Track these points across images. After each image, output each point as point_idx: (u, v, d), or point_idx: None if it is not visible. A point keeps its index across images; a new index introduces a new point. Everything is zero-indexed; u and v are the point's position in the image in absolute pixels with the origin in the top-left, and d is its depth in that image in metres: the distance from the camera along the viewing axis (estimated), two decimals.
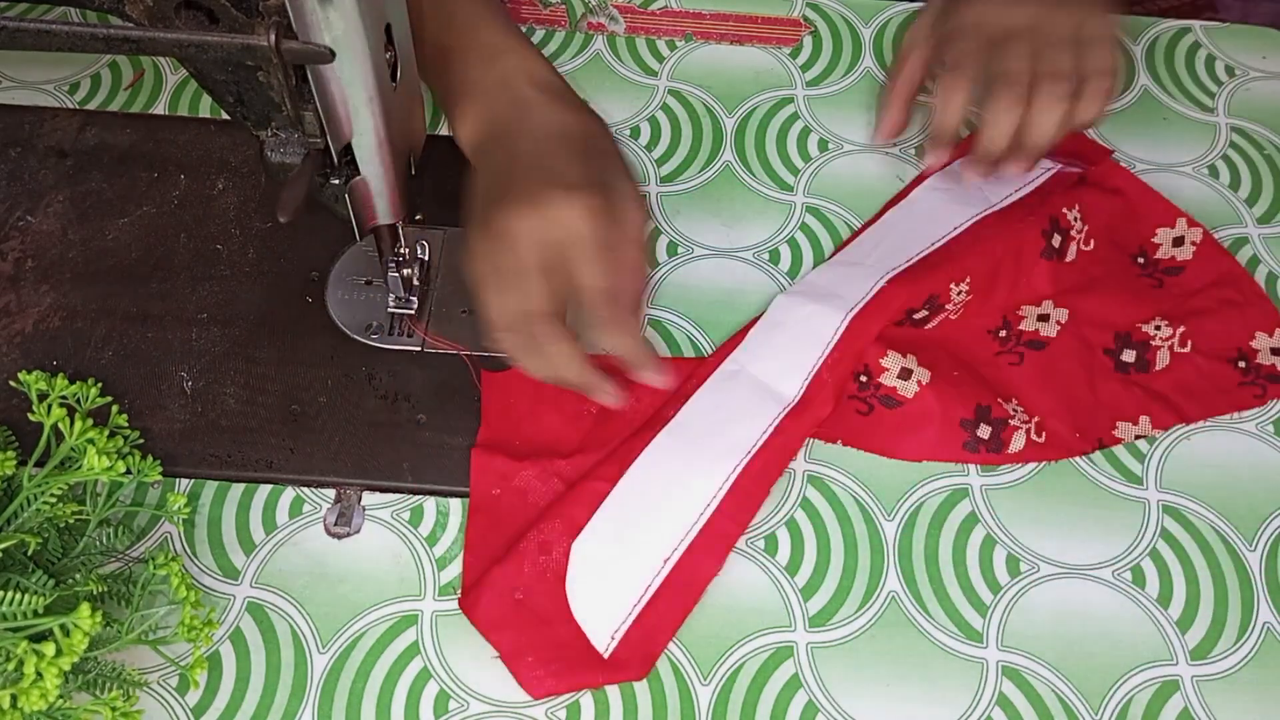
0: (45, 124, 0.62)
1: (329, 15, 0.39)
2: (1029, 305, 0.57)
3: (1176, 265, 0.58)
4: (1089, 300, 0.57)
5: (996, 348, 0.56)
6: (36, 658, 0.38)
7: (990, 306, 0.57)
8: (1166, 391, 0.55)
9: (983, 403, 0.54)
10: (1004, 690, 0.48)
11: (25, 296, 0.56)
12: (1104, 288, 0.58)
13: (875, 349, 0.54)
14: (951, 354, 0.56)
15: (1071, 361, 0.56)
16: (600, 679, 0.47)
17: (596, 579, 0.49)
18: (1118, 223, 0.59)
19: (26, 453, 0.47)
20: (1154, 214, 0.60)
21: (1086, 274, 0.58)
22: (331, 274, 0.58)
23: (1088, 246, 0.58)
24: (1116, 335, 0.56)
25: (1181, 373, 0.55)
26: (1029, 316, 0.57)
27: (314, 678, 0.48)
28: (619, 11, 0.69)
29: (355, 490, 0.52)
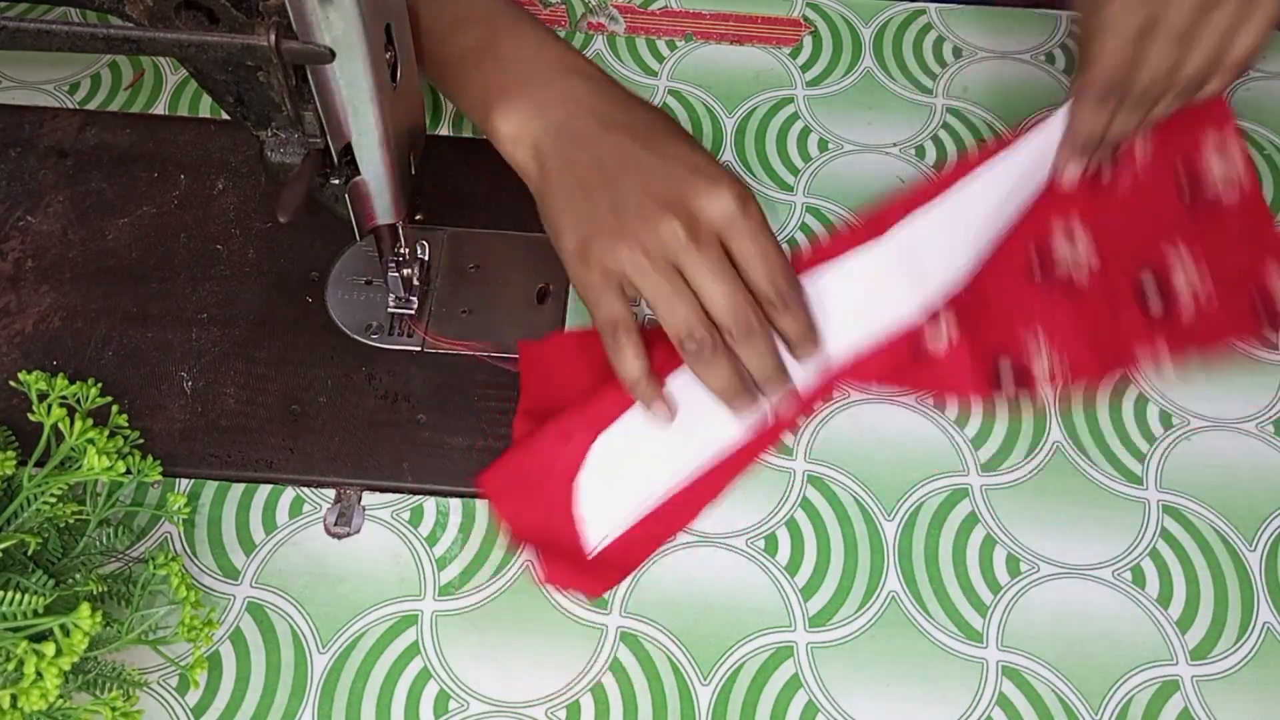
0: (45, 124, 0.62)
1: (329, 15, 0.39)
2: (1058, 223, 0.56)
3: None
4: (1120, 223, 0.56)
5: (1023, 281, 0.56)
6: (36, 658, 0.38)
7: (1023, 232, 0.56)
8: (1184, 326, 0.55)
9: (1008, 338, 0.54)
10: (1004, 690, 0.48)
11: (25, 297, 0.56)
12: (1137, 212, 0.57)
13: None
14: (976, 290, 0.56)
15: (1098, 292, 0.55)
16: (566, 580, 0.48)
17: (610, 479, 0.49)
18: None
19: (26, 453, 0.47)
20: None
21: (1122, 198, 0.57)
22: (331, 274, 0.58)
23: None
24: (1142, 268, 0.56)
25: (1200, 309, 0.55)
26: (1059, 245, 0.56)
27: (314, 678, 0.48)
28: (619, 11, 0.69)
29: (355, 490, 0.52)
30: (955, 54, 0.68)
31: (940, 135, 0.65)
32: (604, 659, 0.48)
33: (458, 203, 0.60)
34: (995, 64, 0.68)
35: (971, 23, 0.69)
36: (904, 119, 0.65)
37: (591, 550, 0.49)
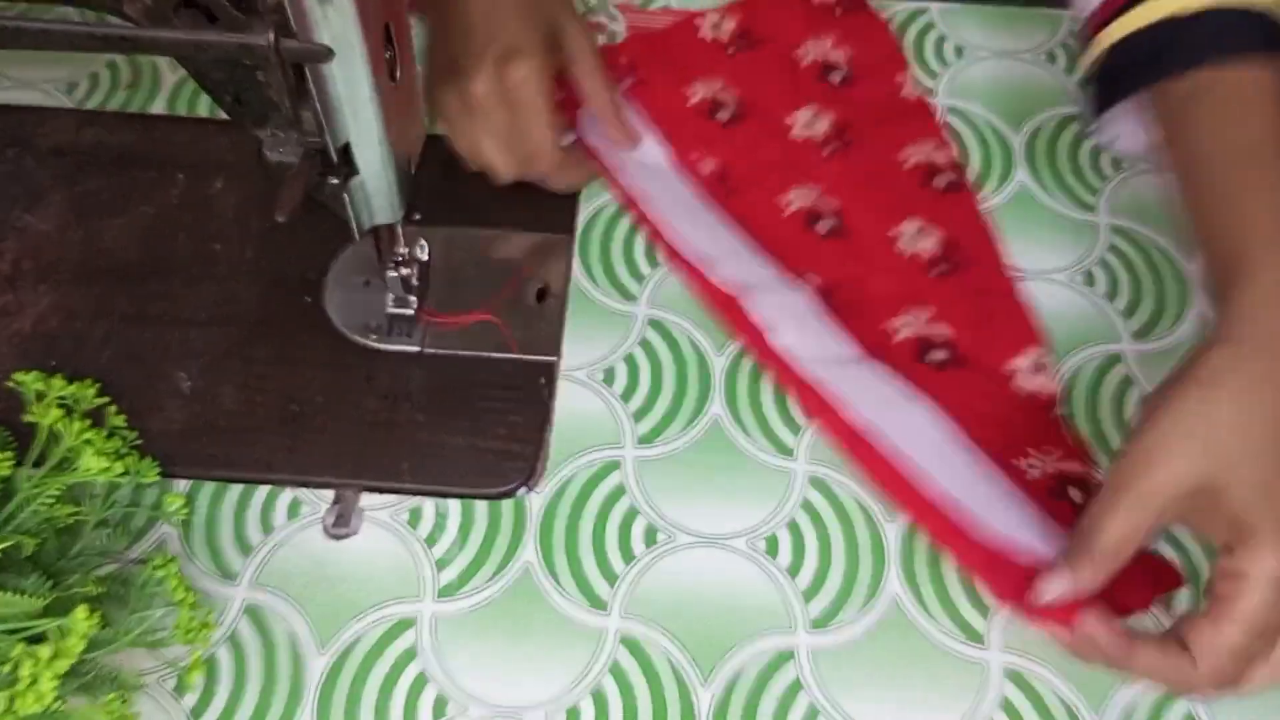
0: (44, 124, 0.62)
1: (328, 14, 0.39)
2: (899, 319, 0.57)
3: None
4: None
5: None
6: (33, 660, 0.38)
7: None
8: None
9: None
10: (1006, 693, 0.48)
11: (23, 296, 0.56)
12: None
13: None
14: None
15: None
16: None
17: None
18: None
19: (24, 453, 0.46)
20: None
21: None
22: (330, 274, 0.57)
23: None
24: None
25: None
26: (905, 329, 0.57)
27: (312, 680, 0.47)
28: (619, 11, 0.69)
29: (354, 491, 0.52)
30: (956, 53, 0.68)
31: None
32: (603, 662, 0.48)
33: (457, 203, 0.60)
34: (996, 63, 0.67)
35: (972, 22, 0.69)
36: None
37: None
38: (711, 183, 0.61)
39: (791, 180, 0.61)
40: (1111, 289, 0.59)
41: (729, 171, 0.61)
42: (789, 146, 0.62)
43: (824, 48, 0.66)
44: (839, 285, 0.57)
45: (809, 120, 0.63)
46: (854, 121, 0.63)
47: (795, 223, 0.59)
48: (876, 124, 0.63)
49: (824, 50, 0.65)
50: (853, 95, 0.65)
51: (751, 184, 0.61)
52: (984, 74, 0.67)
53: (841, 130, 0.63)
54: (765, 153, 0.62)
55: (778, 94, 0.64)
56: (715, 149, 0.62)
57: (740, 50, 0.66)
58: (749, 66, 0.65)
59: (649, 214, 0.59)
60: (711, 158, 0.62)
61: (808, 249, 0.59)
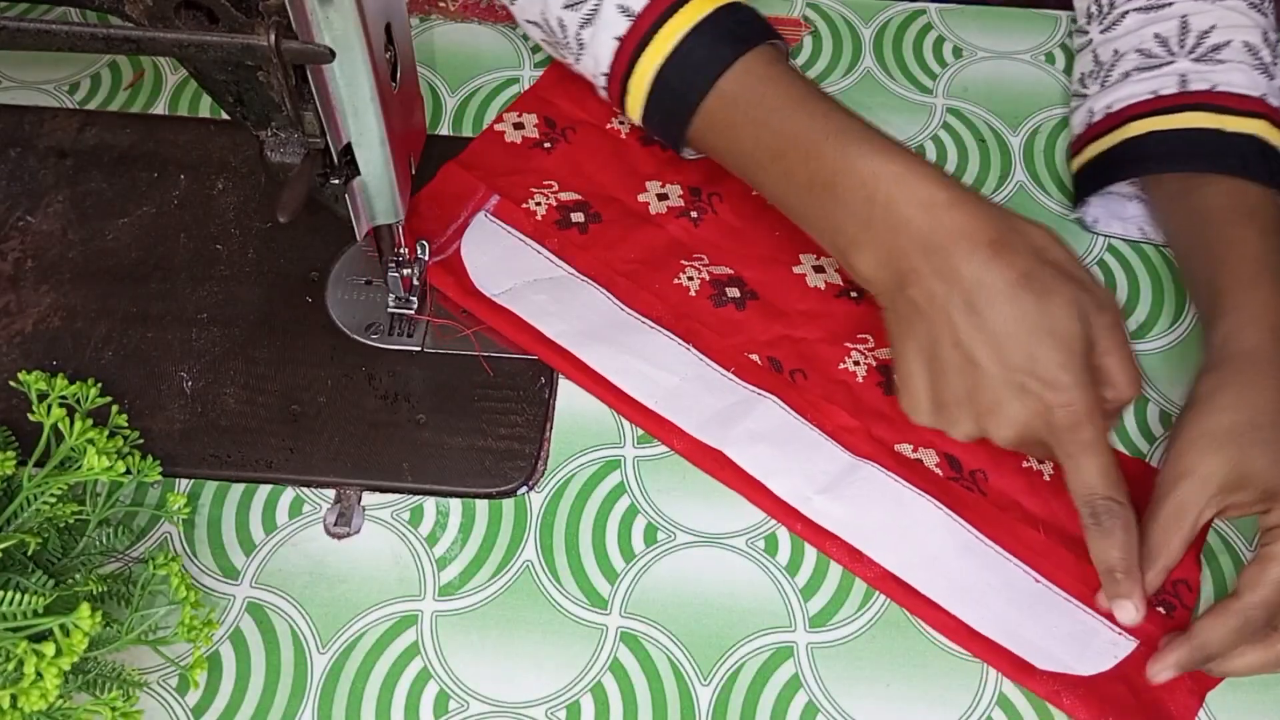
0: (45, 124, 0.62)
1: (329, 15, 0.39)
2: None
3: None
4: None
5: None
6: (36, 658, 0.38)
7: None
8: None
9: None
10: (1004, 691, 0.48)
11: (25, 297, 0.56)
12: None
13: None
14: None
15: None
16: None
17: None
18: None
19: (26, 453, 0.47)
20: None
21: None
22: (331, 274, 0.58)
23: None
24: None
25: None
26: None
27: (314, 678, 0.48)
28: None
29: (355, 490, 0.52)
30: (955, 54, 0.68)
31: (940, 135, 0.65)
32: (604, 659, 0.48)
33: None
34: (995, 64, 0.68)
35: (971, 23, 0.69)
36: (904, 119, 0.65)
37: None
38: (624, 292, 0.56)
39: (677, 260, 0.58)
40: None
41: (618, 279, 0.57)
42: (656, 228, 0.59)
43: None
44: (787, 368, 0.55)
45: (660, 192, 0.60)
46: (701, 181, 0.60)
47: (705, 302, 0.56)
48: (718, 173, 0.57)
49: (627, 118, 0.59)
50: (700, 169, 0.61)
51: (646, 281, 0.57)
52: (983, 75, 0.67)
53: (696, 192, 0.60)
54: (639, 245, 0.58)
55: (615, 177, 0.60)
56: (590, 260, 0.57)
57: (555, 143, 0.61)
58: (572, 158, 0.61)
59: (567, 348, 0.54)
60: (595, 274, 0.57)
61: (733, 326, 0.56)
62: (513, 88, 0.65)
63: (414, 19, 0.68)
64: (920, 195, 0.48)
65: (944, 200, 0.47)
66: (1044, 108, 0.66)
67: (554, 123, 0.62)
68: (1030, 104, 0.66)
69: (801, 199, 0.51)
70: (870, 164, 0.49)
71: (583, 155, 0.61)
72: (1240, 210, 0.53)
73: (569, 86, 0.63)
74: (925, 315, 0.48)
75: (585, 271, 0.57)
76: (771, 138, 0.51)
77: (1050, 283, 0.46)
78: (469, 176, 0.59)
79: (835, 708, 0.48)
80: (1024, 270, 0.46)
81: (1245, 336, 0.50)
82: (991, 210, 0.48)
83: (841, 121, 0.50)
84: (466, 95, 0.65)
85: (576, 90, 0.63)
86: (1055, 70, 0.67)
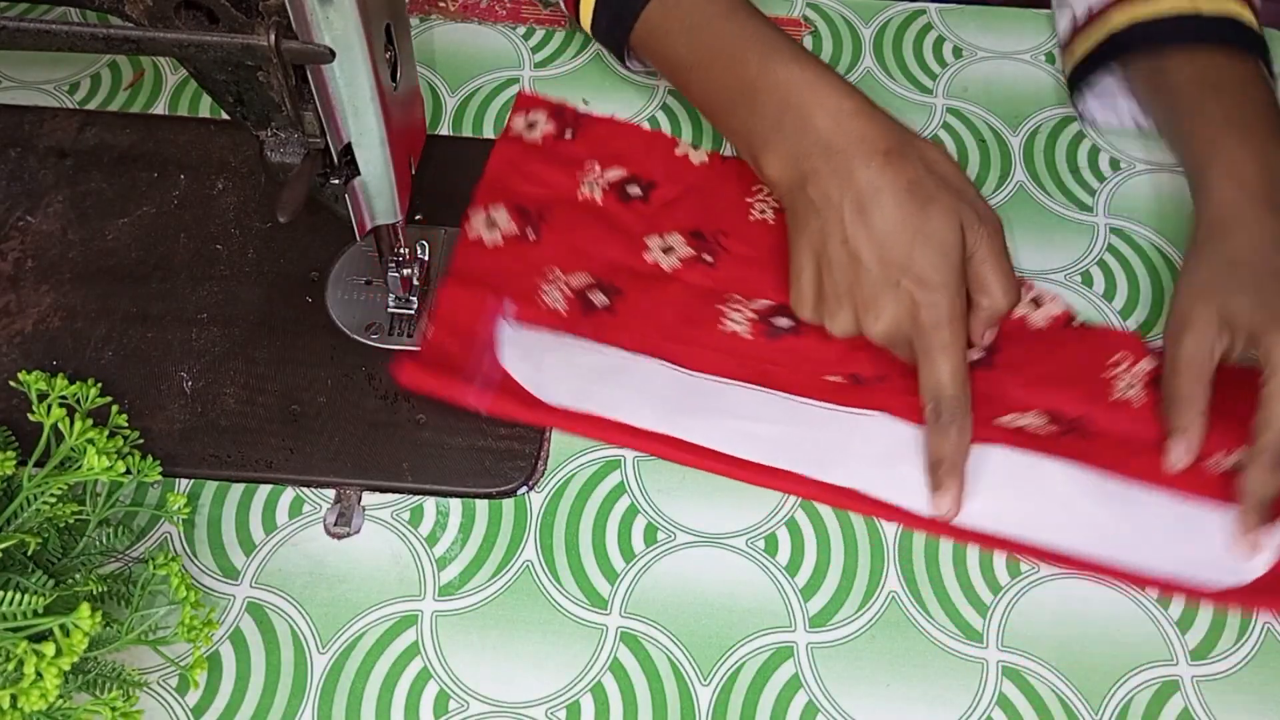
0: (45, 124, 0.62)
1: (329, 15, 0.39)
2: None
3: None
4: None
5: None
6: (36, 658, 0.38)
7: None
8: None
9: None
10: (1004, 690, 0.48)
11: (25, 297, 0.56)
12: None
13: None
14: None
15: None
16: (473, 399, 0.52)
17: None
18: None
19: (26, 453, 0.47)
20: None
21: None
22: (331, 274, 0.58)
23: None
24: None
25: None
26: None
27: (314, 678, 0.48)
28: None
29: (355, 490, 0.52)
30: (955, 54, 0.68)
31: (940, 135, 0.65)
32: (604, 659, 0.48)
33: (458, 203, 0.60)
34: (995, 64, 0.68)
35: (971, 23, 0.69)
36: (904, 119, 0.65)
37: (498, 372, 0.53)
38: (685, 356, 0.55)
39: (713, 308, 0.56)
40: (1109, 289, 0.59)
41: (669, 346, 0.55)
42: (679, 284, 0.57)
43: (594, 176, 0.60)
44: (869, 377, 0.54)
45: (664, 246, 0.58)
46: (695, 222, 0.59)
47: (760, 340, 0.55)
48: (712, 211, 0.59)
49: (596, 179, 0.60)
50: (667, 196, 0.60)
51: (697, 339, 0.55)
52: (982, 75, 0.67)
53: (699, 235, 0.59)
54: (672, 305, 0.56)
55: (613, 246, 0.58)
56: (634, 336, 0.55)
57: (538, 231, 0.58)
58: (562, 240, 0.58)
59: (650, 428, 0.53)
60: (646, 348, 0.55)
61: (799, 355, 0.55)
62: (513, 87, 0.65)
63: (414, 19, 0.68)
64: (829, 102, 0.52)
65: (849, 109, 0.52)
66: (1044, 108, 0.66)
67: (526, 210, 0.59)
68: (1030, 104, 0.66)
69: (725, 105, 0.56)
70: (787, 72, 0.53)
71: (571, 234, 0.58)
72: (1209, 79, 0.56)
73: (521, 166, 0.61)
74: (820, 213, 0.51)
75: (636, 349, 0.55)
76: (703, 46, 0.55)
77: (934, 192, 0.50)
78: (471, 293, 0.55)
79: (835, 708, 0.48)
80: (912, 178, 0.50)
81: (1217, 194, 0.54)
82: (891, 123, 0.52)
83: (764, 33, 0.55)
84: (466, 95, 0.65)
85: (529, 167, 0.61)
86: (1055, 70, 0.67)
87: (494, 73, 0.66)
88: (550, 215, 0.59)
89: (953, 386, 0.50)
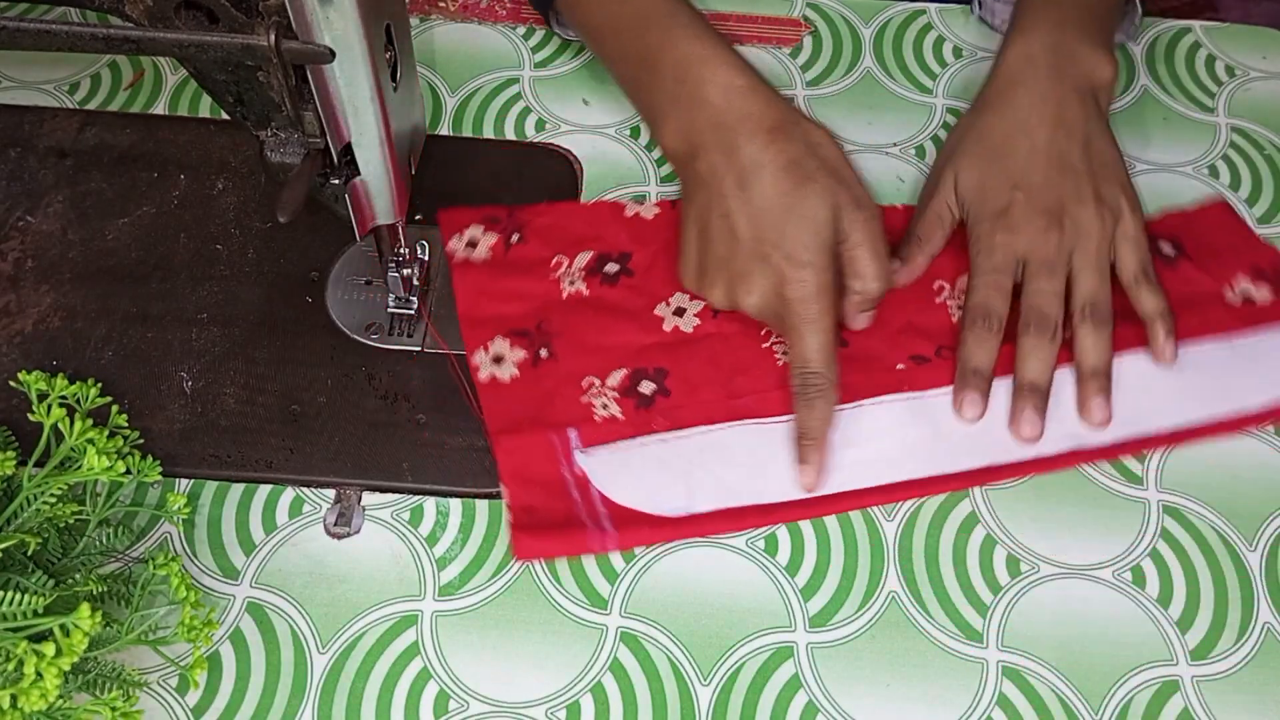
0: (45, 124, 0.62)
1: (329, 15, 0.39)
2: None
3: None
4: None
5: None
6: (36, 658, 0.38)
7: None
8: None
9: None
10: (1004, 690, 0.48)
11: (25, 297, 0.56)
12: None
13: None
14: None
15: None
16: (594, 544, 0.50)
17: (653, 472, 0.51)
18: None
19: (26, 453, 0.47)
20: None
21: None
22: (331, 274, 0.58)
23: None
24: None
25: None
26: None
27: (314, 678, 0.48)
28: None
29: (355, 490, 0.52)
30: (955, 54, 0.68)
31: (940, 135, 0.65)
32: (604, 659, 0.48)
33: (457, 203, 0.60)
34: None
35: (971, 23, 0.69)
36: (904, 119, 0.65)
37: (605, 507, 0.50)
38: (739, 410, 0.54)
39: (757, 347, 0.56)
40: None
41: (739, 403, 0.54)
42: (708, 340, 0.56)
43: (567, 270, 0.57)
44: (930, 352, 0.55)
45: (677, 308, 0.56)
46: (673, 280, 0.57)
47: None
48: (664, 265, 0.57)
49: (571, 272, 0.57)
50: (645, 261, 0.58)
51: (760, 386, 0.54)
52: (982, 75, 0.66)
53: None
54: (719, 364, 0.55)
55: (628, 329, 0.56)
56: (702, 409, 0.54)
57: (549, 348, 0.55)
58: (576, 346, 0.55)
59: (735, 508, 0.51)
60: (720, 416, 0.54)
61: (862, 360, 0.55)
62: (513, 87, 0.65)
63: (414, 19, 0.68)
64: (721, 79, 0.53)
65: (740, 86, 0.53)
66: None
67: (524, 331, 0.55)
68: None
69: (631, 74, 0.58)
70: (687, 47, 0.54)
71: (583, 336, 0.55)
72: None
73: (488, 288, 0.56)
74: (706, 186, 0.53)
75: (709, 420, 0.53)
76: (615, 14, 0.57)
77: (813, 172, 0.51)
78: (526, 438, 0.52)
79: (835, 708, 0.48)
80: (793, 157, 0.51)
81: (1001, 66, 0.59)
82: (780, 103, 0.53)
83: (671, 5, 0.56)
84: (466, 95, 0.65)
85: (497, 286, 0.57)
86: None
87: (494, 73, 0.66)
88: (551, 326, 0.55)
89: (819, 363, 0.51)
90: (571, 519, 0.50)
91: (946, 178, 0.58)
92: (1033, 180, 0.55)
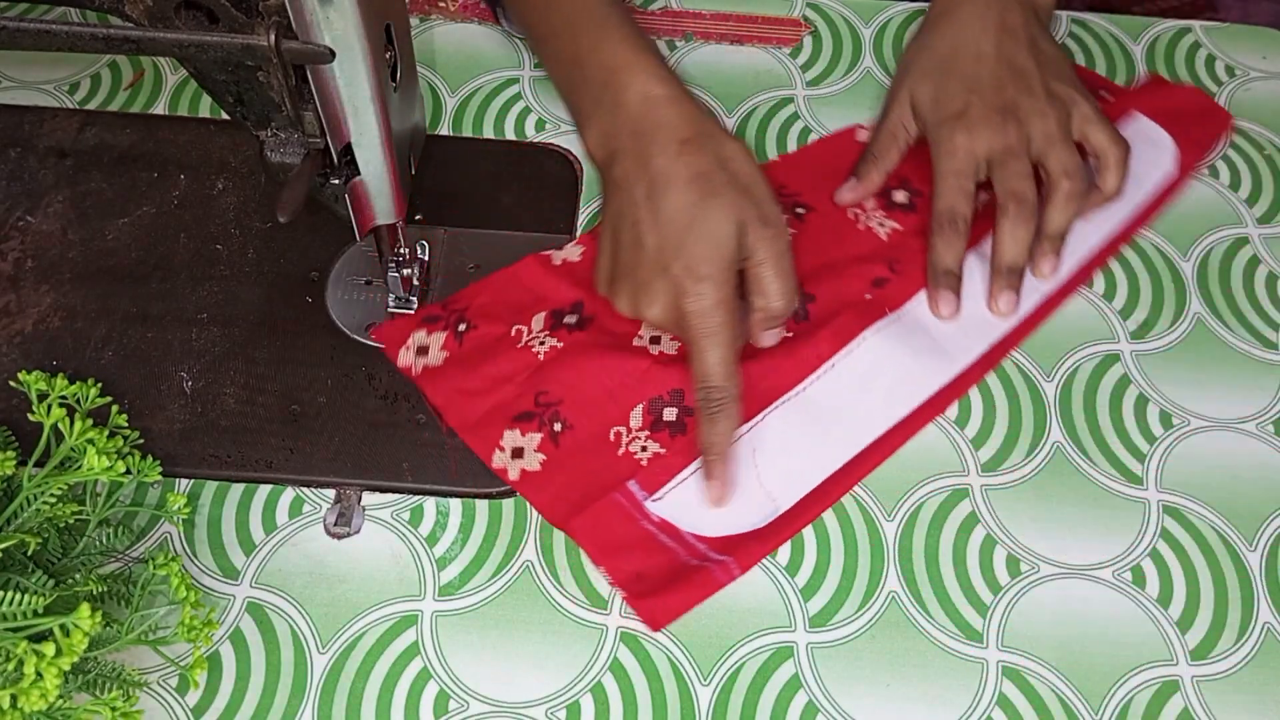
0: (45, 124, 0.62)
1: (329, 15, 0.39)
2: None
3: None
4: None
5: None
6: (36, 658, 0.38)
7: None
8: None
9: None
10: (1004, 690, 0.48)
11: (25, 297, 0.56)
12: None
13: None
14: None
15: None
16: (709, 587, 0.49)
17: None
18: None
19: (26, 453, 0.47)
20: None
21: None
22: (331, 274, 0.58)
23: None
24: None
25: None
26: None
27: (314, 678, 0.48)
28: None
29: (355, 490, 0.52)
30: None
31: None
32: (604, 659, 0.48)
33: (458, 203, 0.60)
34: None
35: None
36: None
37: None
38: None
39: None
40: (1109, 290, 0.59)
41: (753, 392, 0.54)
42: (682, 357, 0.54)
43: (530, 336, 0.55)
44: (887, 275, 0.58)
45: (651, 338, 0.55)
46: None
47: (789, 321, 0.56)
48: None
49: (535, 336, 0.55)
50: (596, 306, 0.56)
51: (771, 365, 0.55)
52: None
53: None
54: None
55: (620, 369, 0.54)
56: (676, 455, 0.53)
57: (558, 416, 0.53)
58: (581, 409, 0.53)
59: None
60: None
61: (835, 302, 0.57)
62: (513, 87, 0.65)
63: (414, 19, 0.68)
64: (641, 87, 0.53)
65: (659, 95, 0.53)
66: None
67: (529, 414, 0.53)
68: None
69: (563, 76, 0.59)
70: (612, 51, 0.55)
71: (583, 391, 0.53)
72: None
73: (464, 386, 0.54)
74: (621, 192, 0.53)
75: (747, 419, 0.53)
76: (553, 16, 0.58)
77: (720, 187, 0.51)
78: (593, 513, 0.51)
79: (835, 708, 0.48)
80: (702, 170, 0.51)
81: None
82: (697, 114, 0.53)
83: (603, 10, 0.56)
84: (466, 95, 0.65)
85: (472, 383, 0.54)
86: None
87: (494, 73, 0.66)
88: (549, 394, 0.53)
89: (720, 376, 0.50)
90: (681, 567, 0.49)
91: (901, 96, 0.60)
92: (984, 83, 0.58)
